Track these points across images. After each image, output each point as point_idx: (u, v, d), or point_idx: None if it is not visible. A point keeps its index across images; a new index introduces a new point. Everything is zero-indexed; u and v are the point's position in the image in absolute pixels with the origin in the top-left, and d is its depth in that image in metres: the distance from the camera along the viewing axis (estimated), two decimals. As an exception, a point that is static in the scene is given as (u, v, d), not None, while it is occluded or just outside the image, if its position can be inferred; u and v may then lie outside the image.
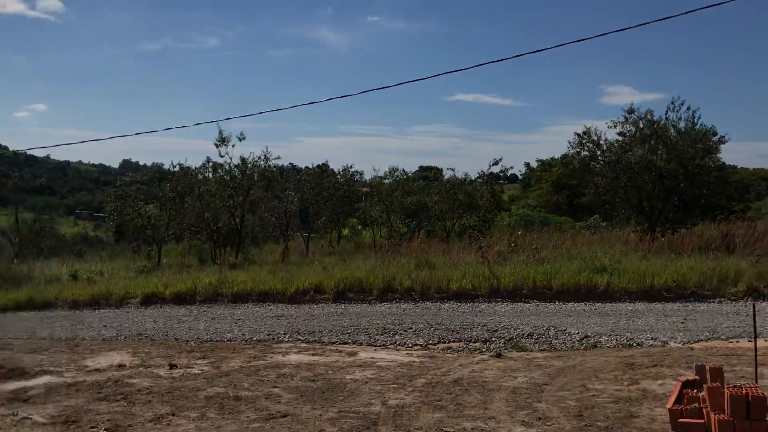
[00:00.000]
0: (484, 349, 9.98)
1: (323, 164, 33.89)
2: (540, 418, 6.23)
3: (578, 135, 27.45)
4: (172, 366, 8.94)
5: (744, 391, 5.47)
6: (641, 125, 26.11)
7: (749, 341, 9.11)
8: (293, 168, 36.47)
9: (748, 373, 6.92)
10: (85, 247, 39.77)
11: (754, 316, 7.03)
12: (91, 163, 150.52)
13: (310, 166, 33.97)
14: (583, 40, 10.63)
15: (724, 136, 25.74)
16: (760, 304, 12.35)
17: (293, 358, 9.50)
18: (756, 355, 6.63)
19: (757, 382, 6.40)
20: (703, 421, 5.58)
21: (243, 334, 11.74)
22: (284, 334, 11.58)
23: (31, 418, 6.55)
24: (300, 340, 11.11)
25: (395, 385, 7.67)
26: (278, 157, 28.96)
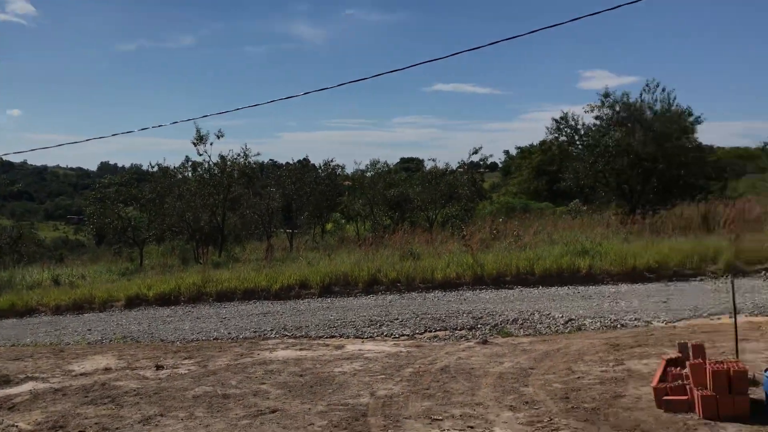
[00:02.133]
0: (470, 337, 10.03)
1: (304, 159, 33.97)
2: (527, 402, 6.28)
3: (556, 120, 27.72)
4: (158, 367, 8.90)
5: (725, 366, 5.57)
6: (617, 108, 26.35)
7: (731, 318, 9.24)
8: (274, 164, 36.37)
9: (730, 349, 7.02)
10: (66, 251, 39.38)
11: (733, 292, 7.14)
12: (69, 167, 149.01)
13: (291, 162, 33.95)
14: (556, 25, 10.60)
15: (699, 117, 26.09)
16: (739, 281, 12.51)
17: (281, 353, 9.48)
18: (736, 331, 6.74)
19: (738, 357, 6.51)
20: (687, 397, 5.67)
21: (229, 333, 11.70)
22: (271, 330, 11.56)
23: (16, 426, 6.47)
24: (287, 335, 11.10)
25: (383, 376, 7.69)
26: (258, 154, 29.05)
